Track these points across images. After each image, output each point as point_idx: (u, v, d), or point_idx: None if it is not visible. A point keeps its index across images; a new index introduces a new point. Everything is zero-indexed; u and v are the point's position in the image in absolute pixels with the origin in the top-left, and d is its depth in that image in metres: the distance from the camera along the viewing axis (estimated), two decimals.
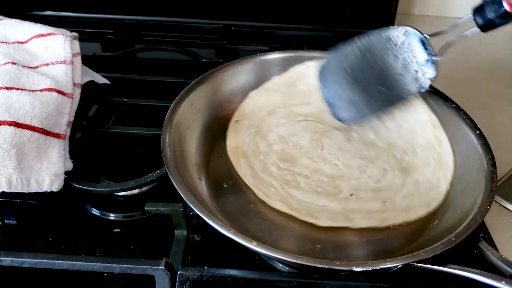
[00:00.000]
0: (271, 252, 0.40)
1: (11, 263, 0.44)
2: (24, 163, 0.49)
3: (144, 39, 0.88)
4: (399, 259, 0.40)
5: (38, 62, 0.60)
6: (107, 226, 0.52)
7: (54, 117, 0.53)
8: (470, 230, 0.43)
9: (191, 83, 0.59)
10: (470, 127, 0.54)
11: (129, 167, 0.59)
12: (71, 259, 0.44)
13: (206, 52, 0.83)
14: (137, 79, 0.74)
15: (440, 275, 0.42)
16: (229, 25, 0.89)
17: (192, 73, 0.64)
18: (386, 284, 0.43)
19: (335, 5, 0.88)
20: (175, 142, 0.52)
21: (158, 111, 0.59)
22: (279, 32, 0.89)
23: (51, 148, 0.51)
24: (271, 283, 0.43)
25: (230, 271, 0.43)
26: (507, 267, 0.43)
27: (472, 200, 0.47)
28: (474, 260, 0.44)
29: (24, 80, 0.55)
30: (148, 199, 0.50)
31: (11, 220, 0.51)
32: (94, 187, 0.52)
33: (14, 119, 0.49)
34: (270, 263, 0.48)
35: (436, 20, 1.00)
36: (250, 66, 0.64)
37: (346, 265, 0.40)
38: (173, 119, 0.54)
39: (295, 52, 0.66)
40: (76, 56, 0.62)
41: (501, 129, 0.68)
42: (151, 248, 0.50)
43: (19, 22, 0.64)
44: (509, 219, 0.55)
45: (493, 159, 0.50)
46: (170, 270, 0.44)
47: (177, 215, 0.48)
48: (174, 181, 0.46)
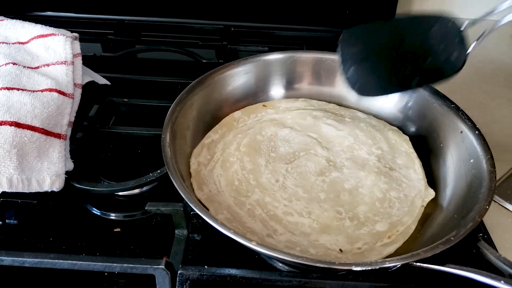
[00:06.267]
0: (271, 252, 0.40)
1: (12, 263, 0.44)
2: (25, 163, 0.49)
3: (145, 40, 0.88)
4: (398, 259, 0.40)
5: (39, 62, 0.60)
6: (108, 225, 0.52)
7: (54, 117, 0.53)
8: (469, 230, 0.43)
9: (191, 83, 0.59)
10: (469, 127, 0.54)
11: (130, 167, 0.59)
12: (72, 259, 0.44)
13: (206, 52, 0.83)
14: (138, 80, 0.74)
15: (439, 274, 0.42)
16: (229, 26, 0.89)
17: (192, 73, 0.64)
18: (385, 283, 0.43)
19: (335, 5, 0.88)
20: (175, 142, 0.52)
21: (158, 111, 0.59)
22: (279, 33, 0.89)
23: (51, 148, 0.52)
24: (271, 282, 0.43)
25: (230, 271, 0.43)
26: (506, 266, 0.43)
27: (471, 200, 0.47)
28: (473, 260, 0.44)
29: (25, 80, 0.55)
30: (149, 198, 0.50)
31: (12, 220, 0.52)
32: (95, 187, 0.53)
33: (15, 119, 0.50)
34: (270, 263, 0.48)
35: None
36: (250, 67, 0.64)
37: (346, 264, 0.40)
38: (173, 119, 0.54)
39: (295, 52, 0.66)
40: (77, 56, 0.62)
41: (500, 129, 0.69)
42: (152, 248, 0.50)
43: (20, 22, 0.65)
44: (508, 218, 0.55)
45: (492, 159, 0.50)
46: (171, 269, 0.44)
47: (177, 215, 0.48)
48: (174, 181, 0.46)
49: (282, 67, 0.65)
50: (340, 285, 0.43)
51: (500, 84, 0.79)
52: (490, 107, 0.74)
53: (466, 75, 0.79)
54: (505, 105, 0.74)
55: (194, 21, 0.89)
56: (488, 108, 0.73)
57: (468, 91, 0.76)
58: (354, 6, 0.88)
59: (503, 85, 0.79)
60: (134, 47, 0.85)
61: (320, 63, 0.66)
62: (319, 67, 0.66)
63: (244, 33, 0.88)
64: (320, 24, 0.90)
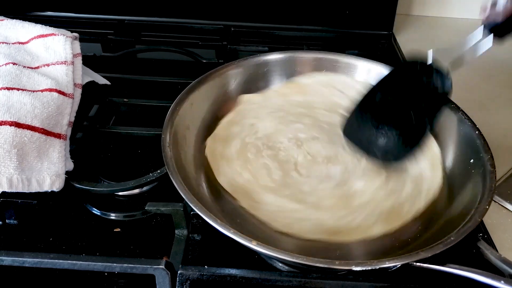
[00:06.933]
0: (271, 251, 0.40)
1: (12, 263, 0.44)
2: (25, 163, 0.49)
3: (145, 40, 0.88)
4: (399, 259, 0.40)
5: (39, 62, 0.60)
6: (108, 225, 0.52)
7: (54, 117, 0.53)
8: (469, 230, 0.43)
9: (191, 83, 0.59)
10: (469, 127, 0.54)
11: (130, 167, 0.59)
12: (72, 259, 0.44)
13: (206, 52, 0.83)
14: (138, 80, 0.74)
15: (439, 274, 0.42)
16: (229, 26, 0.89)
17: (192, 73, 0.64)
18: (385, 283, 0.43)
19: (335, 5, 0.88)
20: (175, 142, 0.52)
21: (158, 111, 0.59)
22: (279, 33, 0.89)
23: (51, 148, 0.52)
24: (271, 282, 0.43)
25: (230, 271, 0.43)
26: (506, 266, 0.43)
27: (471, 200, 0.47)
28: (473, 260, 0.44)
29: (25, 80, 0.55)
30: (149, 198, 0.50)
31: (12, 220, 0.52)
32: (95, 187, 0.53)
33: (15, 119, 0.50)
34: (270, 263, 0.48)
35: (435, 20, 1.00)
36: (250, 67, 0.64)
37: (346, 264, 0.40)
38: (174, 119, 0.54)
39: (295, 52, 0.66)
40: (77, 56, 0.62)
41: (500, 129, 0.69)
42: (152, 248, 0.50)
43: (20, 22, 0.65)
44: (508, 218, 0.55)
45: (492, 159, 0.50)
46: (171, 269, 0.44)
47: (177, 215, 0.48)
48: (174, 181, 0.46)
49: (282, 67, 0.65)
50: (340, 285, 0.43)
51: (500, 84, 0.79)
52: (490, 107, 0.74)
53: (466, 76, 0.79)
54: (505, 105, 0.74)
55: (194, 21, 0.89)
56: (488, 108, 0.73)
57: (468, 91, 0.76)
58: (354, 6, 0.88)
59: (503, 85, 0.79)
60: (134, 47, 0.85)
61: (320, 63, 0.66)
62: (319, 67, 0.66)
63: (244, 33, 0.89)
64: (320, 24, 0.90)
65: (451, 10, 1.00)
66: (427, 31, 0.97)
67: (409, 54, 0.57)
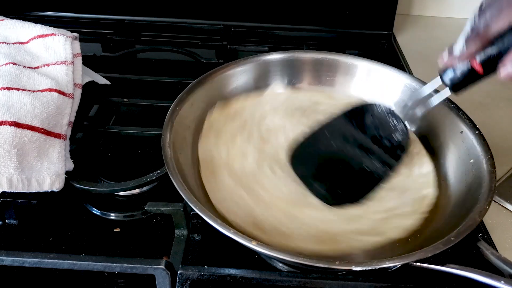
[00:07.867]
0: (271, 252, 0.40)
1: (12, 263, 0.44)
2: (25, 163, 0.49)
3: (145, 40, 0.88)
4: (399, 259, 0.40)
5: (39, 62, 0.60)
6: (108, 225, 0.52)
7: (54, 117, 0.53)
8: (469, 230, 0.43)
9: (191, 83, 0.59)
10: (469, 127, 0.54)
11: (130, 167, 0.59)
12: (72, 259, 0.44)
13: (206, 52, 0.83)
14: (138, 80, 0.74)
15: (439, 274, 0.42)
16: (229, 26, 0.89)
17: (192, 73, 0.64)
18: (385, 283, 0.43)
19: (335, 5, 0.88)
20: (175, 142, 0.52)
21: (158, 111, 0.59)
22: (279, 33, 0.90)
23: (51, 148, 0.52)
24: (271, 282, 0.43)
25: (230, 271, 0.43)
26: (506, 266, 0.43)
27: (471, 200, 0.47)
28: (473, 260, 0.44)
29: (25, 80, 0.55)
30: (149, 198, 0.50)
31: (12, 220, 0.52)
32: (95, 187, 0.53)
33: (15, 119, 0.50)
34: (270, 263, 0.48)
35: (435, 20, 1.00)
36: (250, 67, 0.64)
37: (346, 264, 0.40)
38: (174, 119, 0.54)
39: (295, 52, 0.66)
40: (77, 56, 0.62)
41: (500, 129, 0.69)
42: (152, 248, 0.50)
43: (20, 22, 0.65)
44: (508, 218, 0.55)
45: (492, 159, 0.50)
46: (171, 269, 0.44)
47: (177, 215, 0.48)
48: (174, 181, 0.46)
49: (282, 67, 0.65)
50: (340, 285, 0.43)
51: (500, 84, 0.79)
52: (490, 107, 0.74)
53: None
54: (505, 105, 0.74)
55: (194, 21, 0.89)
56: (488, 108, 0.73)
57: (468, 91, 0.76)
58: (354, 6, 0.88)
59: (503, 85, 0.79)
60: (134, 47, 0.85)
61: (320, 63, 0.66)
62: (319, 67, 0.66)
63: (244, 33, 0.89)
64: (320, 24, 0.90)
65: (451, 10, 1.00)
66: (427, 31, 0.97)
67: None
